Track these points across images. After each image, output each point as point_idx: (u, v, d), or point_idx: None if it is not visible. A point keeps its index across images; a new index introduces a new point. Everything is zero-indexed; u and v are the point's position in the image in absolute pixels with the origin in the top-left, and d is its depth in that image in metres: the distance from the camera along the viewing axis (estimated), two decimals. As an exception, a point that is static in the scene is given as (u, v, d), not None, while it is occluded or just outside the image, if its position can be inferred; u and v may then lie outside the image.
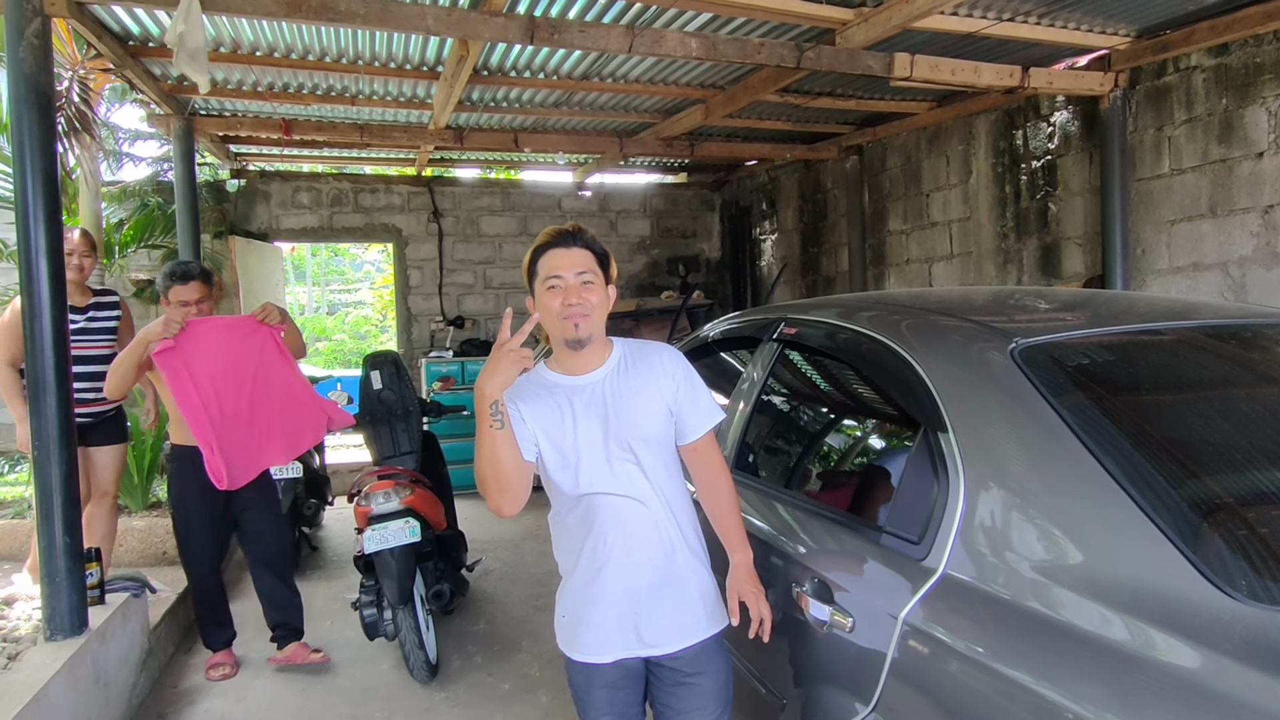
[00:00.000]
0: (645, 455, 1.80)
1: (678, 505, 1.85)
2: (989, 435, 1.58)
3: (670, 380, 1.84)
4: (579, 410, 1.79)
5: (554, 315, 1.76)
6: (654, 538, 1.79)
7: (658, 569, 1.79)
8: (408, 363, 7.76)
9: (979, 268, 5.63)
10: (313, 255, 22.21)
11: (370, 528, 3.41)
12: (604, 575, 1.79)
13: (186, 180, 5.30)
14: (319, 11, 3.23)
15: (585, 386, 1.82)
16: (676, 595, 1.80)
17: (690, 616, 1.81)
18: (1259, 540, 1.28)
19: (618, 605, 1.78)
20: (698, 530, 1.90)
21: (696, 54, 3.83)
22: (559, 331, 1.78)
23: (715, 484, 1.90)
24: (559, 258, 1.78)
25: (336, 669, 3.65)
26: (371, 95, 5.34)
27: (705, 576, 1.86)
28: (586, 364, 1.83)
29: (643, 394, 1.81)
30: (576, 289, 1.75)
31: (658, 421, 1.82)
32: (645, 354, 1.87)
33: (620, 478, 1.78)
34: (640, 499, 1.79)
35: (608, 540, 1.78)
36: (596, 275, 1.79)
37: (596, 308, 1.77)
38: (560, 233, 1.81)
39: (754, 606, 1.80)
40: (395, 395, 4.18)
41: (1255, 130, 3.93)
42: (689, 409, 1.85)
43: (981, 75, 4.33)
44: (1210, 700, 1.05)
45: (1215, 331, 1.90)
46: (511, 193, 8.34)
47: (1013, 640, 1.35)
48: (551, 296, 1.76)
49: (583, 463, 1.78)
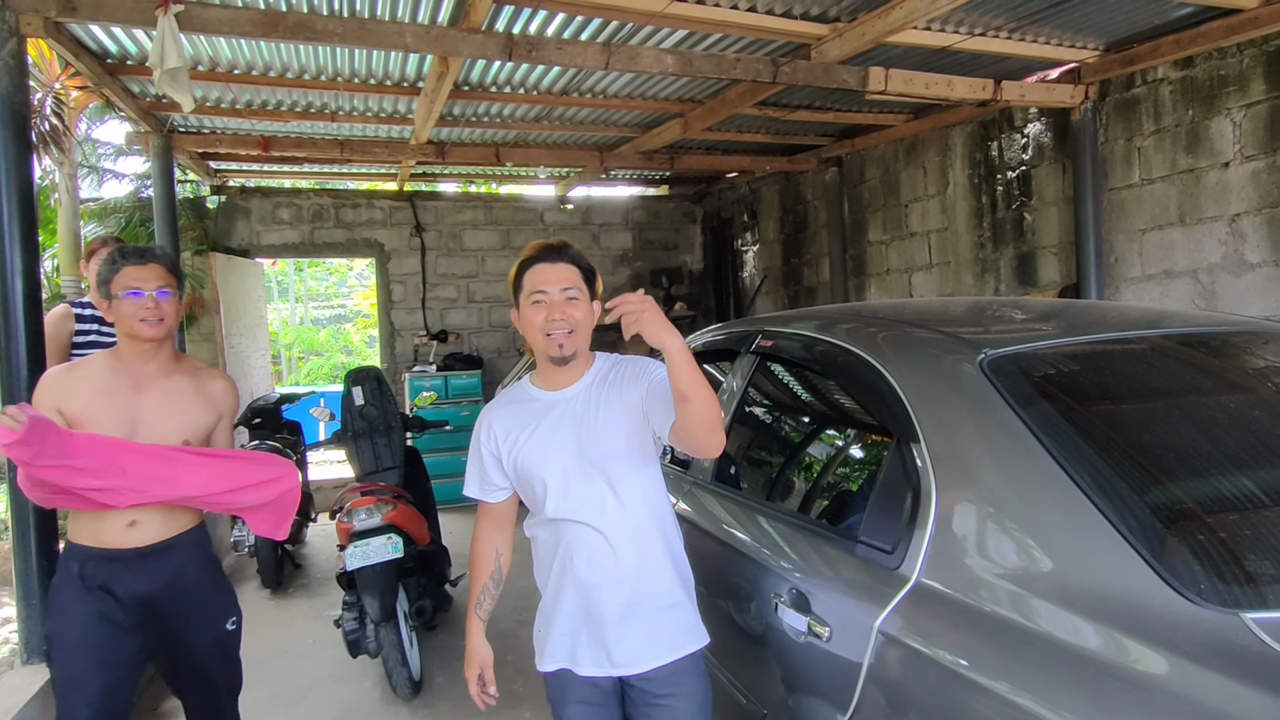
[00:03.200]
0: (617, 472, 1.78)
1: (654, 523, 1.82)
2: (959, 445, 1.61)
3: (641, 383, 1.77)
4: (552, 426, 1.80)
5: (538, 330, 1.76)
6: (622, 560, 1.77)
7: (625, 589, 1.77)
8: (391, 377, 7.73)
9: (957, 277, 5.70)
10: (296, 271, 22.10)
11: (352, 544, 3.40)
12: (570, 594, 1.79)
13: (166, 197, 5.28)
14: (296, 30, 3.24)
15: (560, 402, 1.82)
16: (647, 616, 1.78)
17: (661, 637, 1.79)
18: (1219, 544, 1.31)
19: (585, 624, 1.78)
20: (676, 548, 1.87)
21: (672, 70, 3.88)
22: (542, 348, 1.78)
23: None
24: (544, 273, 1.77)
25: (319, 687, 3.63)
26: (352, 111, 5.34)
27: (680, 595, 1.83)
28: (567, 379, 1.83)
29: (615, 409, 1.79)
30: (561, 304, 1.75)
31: (631, 437, 1.78)
32: (623, 366, 1.86)
33: (588, 498, 1.77)
34: (607, 521, 1.76)
35: (574, 560, 1.78)
36: (582, 291, 1.78)
37: (580, 324, 1.77)
38: (546, 247, 1.81)
39: (623, 304, 1.55)
40: (377, 410, 4.17)
41: (1221, 141, 4.01)
42: (659, 398, 1.69)
43: (955, 88, 4.40)
44: (1171, 703, 1.08)
45: (1182, 340, 1.94)
46: (494, 206, 8.35)
47: (985, 647, 1.37)
48: (536, 311, 1.76)
49: (551, 480, 1.78)
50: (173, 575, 2.15)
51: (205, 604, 2.24)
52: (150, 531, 2.12)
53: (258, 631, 4.37)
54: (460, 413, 7.27)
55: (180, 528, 2.19)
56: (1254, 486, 1.46)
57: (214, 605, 2.26)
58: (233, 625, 2.31)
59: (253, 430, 5.67)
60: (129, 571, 2.10)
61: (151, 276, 2.14)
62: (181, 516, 2.19)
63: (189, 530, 2.21)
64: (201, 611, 2.22)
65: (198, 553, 2.24)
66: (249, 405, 6.02)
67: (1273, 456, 1.57)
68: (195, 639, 2.21)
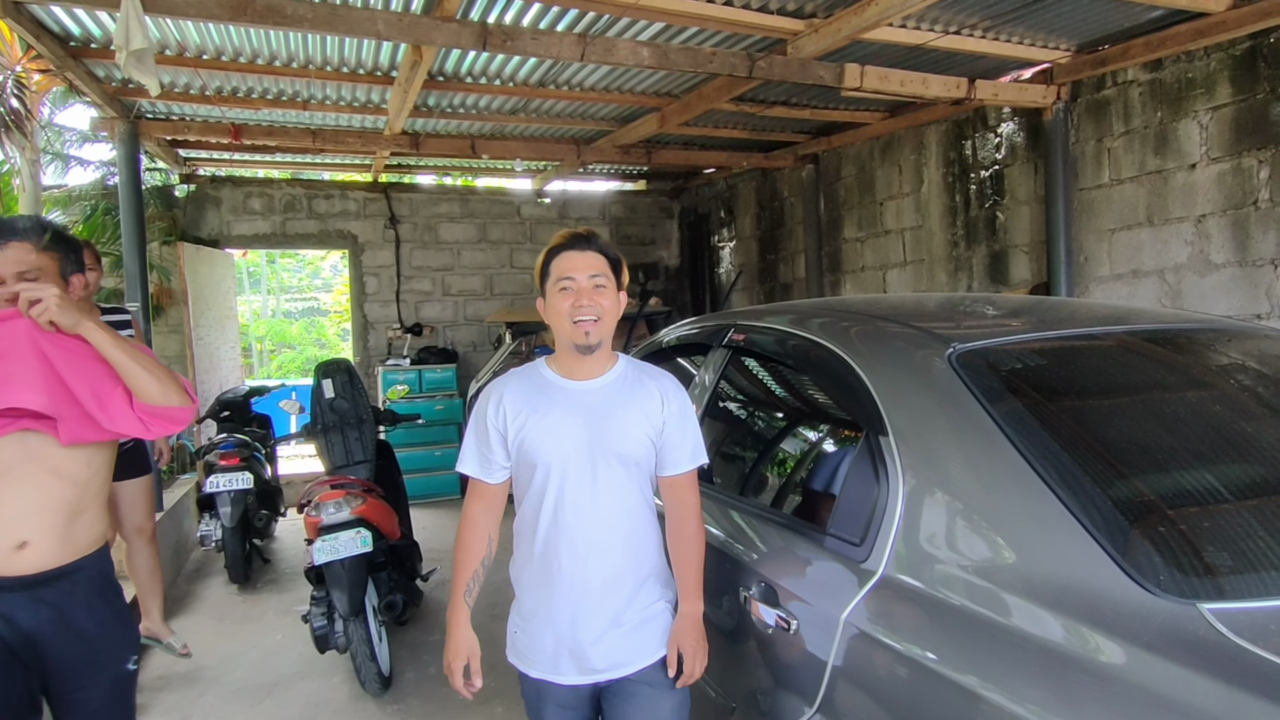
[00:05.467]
0: (620, 476, 1.77)
1: (648, 529, 1.83)
2: (926, 438, 1.61)
3: (661, 408, 1.81)
4: (564, 414, 1.77)
5: (564, 317, 1.74)
6: (611, 565, 1.76)
7: (613, 596, 1.76)
8: (365, 371, 7.65)
9: (931, 275, 5.75)
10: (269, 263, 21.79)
11: (320, 538, 3.36)
12: (555, 598, 1.76)
13: (131, 185, 5.17)
14: (265, 15, 3.18)
15: (579, 392, 1.80)
16: (632, 623, 1.78)
17: (645, 642, 1.80)
18: (1178, 537, 1.32)
19: (570, 631, 1.76)
20: (662, 557, 1.87)
21: (648, 63, 3.86)
22: (568, 335, 1.76)
23: (684, 526, 1.85)
24: (572, 260, 1.76)
25: (286, 684, 3.58)
26: (324, 100, 5.26)
27: (664, 602, 1.84)
28: (589, 369, 1.81)
29: (630, 411, 1.78)
30: (588, 291, 1.74)
31: (638, 443, 1.78)
32: (645, 376, 1.86)
33: (586, 495, 1.75)
34: (601, 522, 1.76)
35: (561, 562, 1.75)
36: (609, 279, 1.78)
37: (607, 312, 1.76)
38: (574, 235, 1.80)
39: (690, 662, 1.78)
40: (348, 404, 4.12)
41: (1188, 143, 4.07)
42: (675, 442, 1.82)
43: (930, 86, 4.43)
44: (1128, 693, 1.09)
45: (1147, 337, 1.97)
46: (470, 199, 8.28)
47: (950, 639, 1.38)
48: (563, 298, 1.75)
49: (553, 469, 1.76)
50: (66, 612, 1.83)
51: (105, 646, 1.91)
52: (44, 555, 1.80)
53: (224, 627, 4.32)
54: (434, 407, 7.21)
55: (81, 551, 1.87)
56: (1214, 480, 1.48)
57: (116, 645, 1.94)
58: (133, 665, 1.99)
59: (221, 423, 5.58)
60: (19, 604, 1.79)
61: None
62: (82, 537, 1.88)
63: (90, 555, 1.90)
64: (100, 656, 1.90)
65: (99, 582, 1.92)
66: (217, 398, 5.92)
67: (1232, 451, 1.60)
68: (90, 692, 1.89)
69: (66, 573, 1.84)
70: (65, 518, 1.84)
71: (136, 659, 2.00)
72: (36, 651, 1.82)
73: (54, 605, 1.82)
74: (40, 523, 1.80)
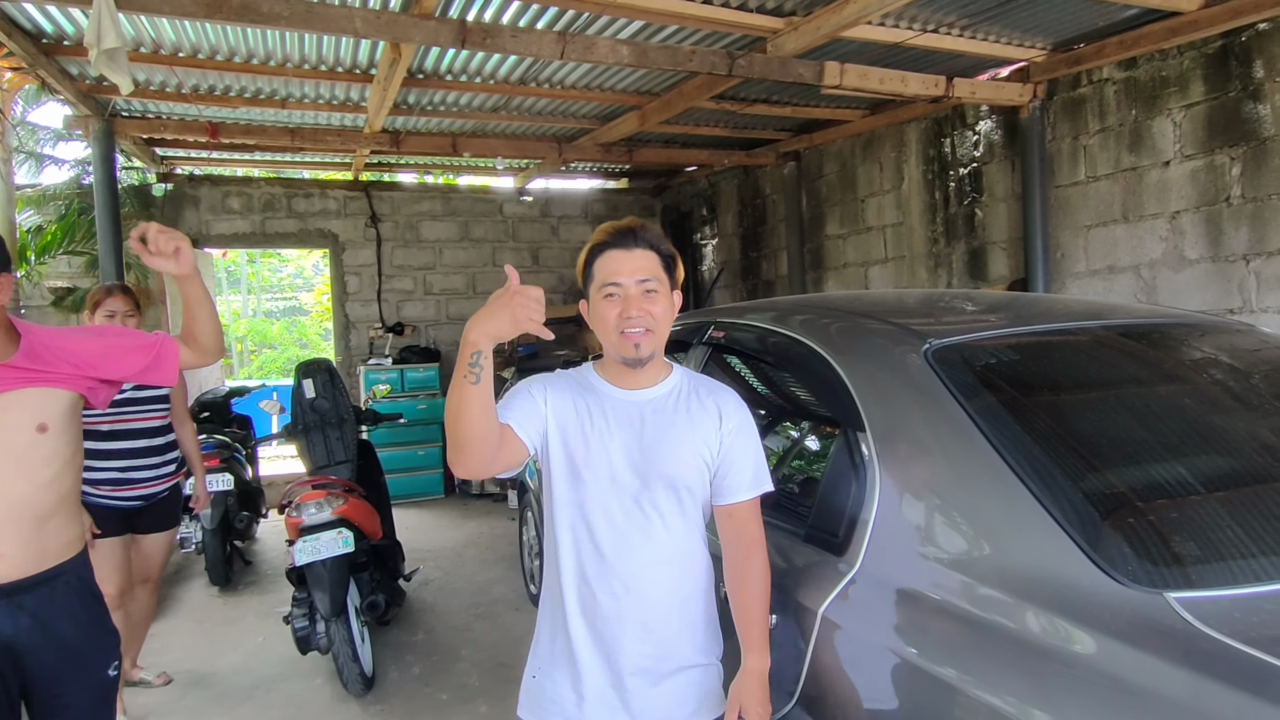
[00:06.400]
0: (671, 499, 1.55)
1: (693, 567, 1.59)
2: (903, 433, 1.63)
3: (719, 427, 1.58)
4: (611, 422, 1.55)
5: (610, 328, 1.52)
6: (653, 599, 1.53)
7: (654, 638, 1.53)
8: (346, 371, 7.60)
9: (912, 271, 5.79)
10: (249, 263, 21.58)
11: (301, 539, 3.34)
12: (587, 637, 1.53)
13: (107, 184, 5.10)
14: (241, 12, 3.15)
15: (628, 403, 1.58)
16: (673, 674, 1.55)
17: (686, 700, 1.56)
18: (1147, 528, 1.34)
19: (603, 674, 1.53)
20: (712, 602, 1.63)
21: (628, 61, 3.86)
22: (616, 348, 1.54)
23: (747, 563, 1.59)
24: (618, 260, 1.53)
25: (268, 685, 3.56)
26: (303, 98, 5.22)
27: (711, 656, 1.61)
28: (641, 379, 1.60)
29: (686, 431, 1.56)
30: (638, 299, 1.51)
31: (690, 466, 1.56)
32: (706, 392, 1.63)
33: (633, 515, 1.53)
34: (647, 553, 1.53)
35: (597, 597, 1.52)
36: (661, 282, 1.54)
37: (660, 320, 1.53)
38: (620, 230, 1.55)
39: None
40: (329, 403, 4.10)
41: (1162, 140, 4.13)
42: (735, 465, 1.58)
43: (909, 84, 4.46)
44: (1096, 680, 1.11)
45: (1120, 331, 2.00)
46: (452, 198, 8.25)
47: (926, 631, 1.40)
48: (609, 306, 1.52)
49: (595, 484, 1.53)
50: (46, 619, 1.79)
51: (87, 653, 1.86)
52: (18, 563, 1.75)
53: (205, 630, 4.28)
54: (417, 406, 7.18)
55: (56, 558, 1.82)
56: (1183, 472, 1.50)
57: (97, 652, 1.90)
58: (114, 671, 1.94)
59: (200, 424, 5.53)
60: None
61: None
62: (52, 543, 1.81)
63: (67, 561, 1.84)
64: (82, 663, 1.86)
65: (77, 588, 1.87)
66: (196, 399, 5.87)
67: (1202, 443, 1.62)
68: (71, 699, 1.85)
69: (44, 580, 1.80)
70: (32, 523, 1.78)
71: (118, 665, 1.96)
72: (16, 659, 1.78)
73: (33, 613, 1.78)
74: (6, 531, 1.75)
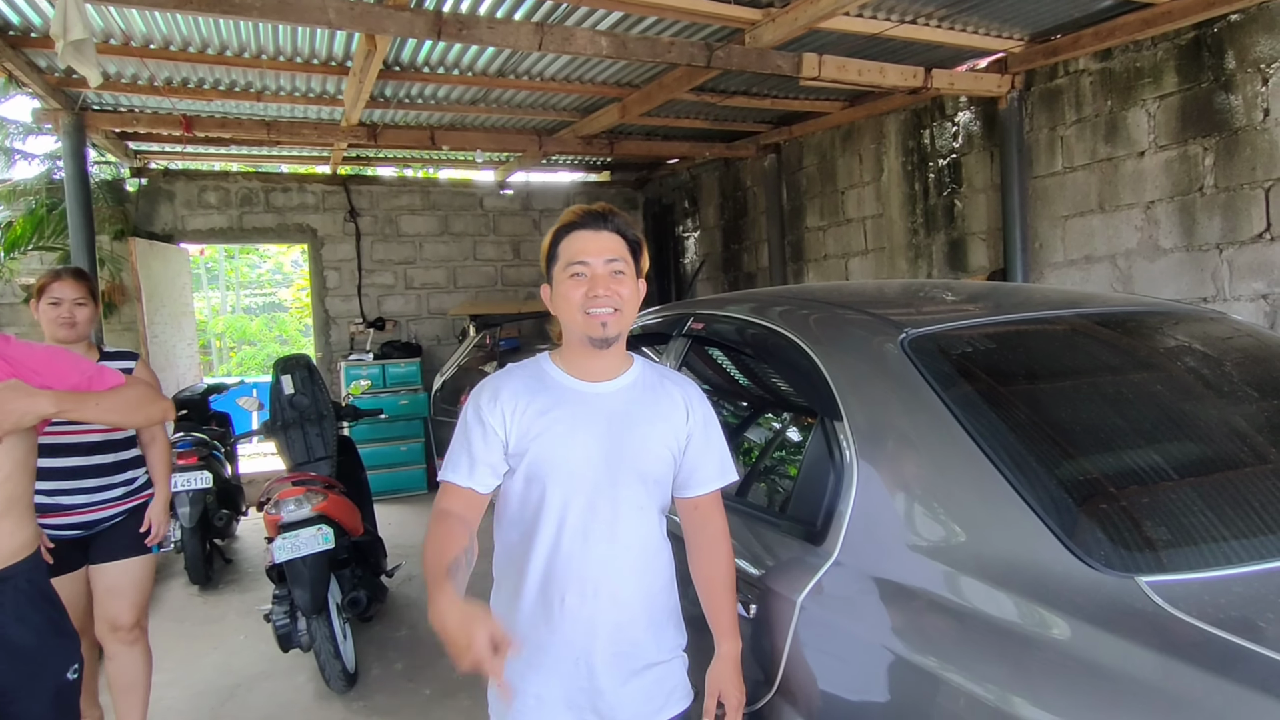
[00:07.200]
0: (642, 494, 1.55)
1: (658, 560, 1.60)
2: (880, 423, 1.63)
3: (685, 419, 1.59)
4: (576, 422, 1.52)
5: (575, 307, 1.50)
6: (625, 598, 1.53)
7: (624, 639, 1.53)
8: (327, 366, 7.54)
9: (892, 262, 5.81)
10: (228, 258, 21.36)
11: (281, 536, 3.31)
12: (558, 643, 1.51)
13: (78, 178, 5.02)
14: (212, 3, 3.10)
15: (594, 397, 1.55)
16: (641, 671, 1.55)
17: (653, 696, 1.57)
18: (1119, 513, 1.36)
19: (582, 678, 1.51)
20: (676, 597, 1.65)
21: (607, 53, 3.84)
22: (581, 328, 1.51)
23: (713, 554, 1.62)
24: (585, 241, 1.52)
25: (250, 684, 3.53)
26: (279, 91, 5.16)
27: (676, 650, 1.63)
28: (603, 370, 1.57)
29: (654, 424, 1.56)
30: (605, 278, 1.49)
31: (661, 459, 1.57)
32: (667, 381, 1.63)
33: (602, 515, 1.51)
34: (617, 552, 1.52)
35: (566, 601, 1.50)
36: (628, 265, 1.54)
37: (626, 302, 1.52)
38: (588, 213, 1.55)
39: (732, 711, 1.55)
40: (308, 399, 4.06)
41: (1137, 131, 4.17)
42: (700, 457, 1.60)
43: (887, 76, 4.47)
44: (1068, 663, 1.12)
45: (1095, 320, 2.01)
46: (431, 191, 8.19)
47: (903, 620, 1.40)
48: (574, 285, 1.50)
49: (563, 486, 1.51)
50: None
51: (39, 657, 1.78)
52: None
53: (185, 629, 4.24)
54: (398, 401, 7.14)
55: (5, 560, 1.74)
56: (1156, 458, 1.52)
57: (53, 655, 1.82)
58: (74, 674, 1.87)
59: (178, 422, 5.47)
60: None
61: None
62: (7, 546, 1.75)
63: (17, 564, 1.77)
64: (34, 669, 1.77)
65: (28, 591, 1.79)
66: (174, 396, 5.80)
67: (1175, 429, 1.64)
68: (27, 704, 1.77)
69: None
70: None
71: (78, 668, 1.90)
72: None
73: None
74: None
